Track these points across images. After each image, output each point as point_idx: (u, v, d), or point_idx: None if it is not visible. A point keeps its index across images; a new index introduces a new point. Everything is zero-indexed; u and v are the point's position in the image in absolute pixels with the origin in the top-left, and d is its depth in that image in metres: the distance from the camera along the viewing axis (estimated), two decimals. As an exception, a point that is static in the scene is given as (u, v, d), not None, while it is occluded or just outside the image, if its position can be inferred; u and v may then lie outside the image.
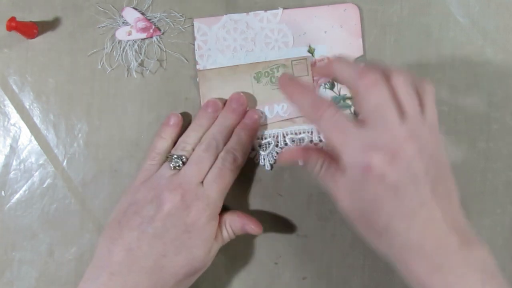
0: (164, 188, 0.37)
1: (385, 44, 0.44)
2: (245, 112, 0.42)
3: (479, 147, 0.43)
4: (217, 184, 0.38)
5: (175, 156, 0.39)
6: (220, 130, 0.40)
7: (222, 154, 0.39)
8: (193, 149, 0.40)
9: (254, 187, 0.43)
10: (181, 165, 0.39)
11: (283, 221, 0.43)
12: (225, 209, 0.41)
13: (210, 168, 0.39)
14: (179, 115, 0.42)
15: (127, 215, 0.37)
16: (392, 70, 0.33)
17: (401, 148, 0.31)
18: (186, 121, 0.43)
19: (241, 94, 0.42)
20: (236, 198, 0.43)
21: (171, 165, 0.39)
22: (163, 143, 0.40)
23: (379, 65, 0.34)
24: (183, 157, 0.39)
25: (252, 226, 0.40)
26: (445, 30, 0.44)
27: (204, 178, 0.38)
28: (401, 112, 0.32)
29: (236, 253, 0.43)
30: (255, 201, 0.43)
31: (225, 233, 0.40)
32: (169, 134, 0.41)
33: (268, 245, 0.43)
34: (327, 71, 0.37)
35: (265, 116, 0.43)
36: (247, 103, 0.42)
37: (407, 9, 0.44)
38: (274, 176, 0.43)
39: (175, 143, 0.41)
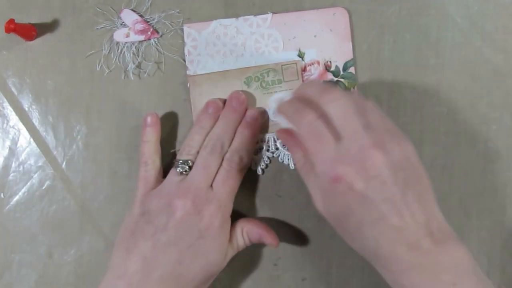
0: (174, 195, 0.37)
1: (384, 45, 0.44)
2: (245, 111, 0.42)
3: (478, 147, 0.43)
4: (226, 186, 0.38)
5: (180, 161, 0.39)
6: (223, 130, 0.40)
7: (227, 155, 0.39)
8: (198, 152, 0.39)
9: (253, 188, 0.43)
10: (188, 170, 0.39)
11: (283, 222, 0.43)
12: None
13: (218, 170, 0.39)
14: (155, 113, 0.41)
15: (140, 225, 0.37)
16: (345, 92, 0.36)
17: (369, 157, 0.32)
18: (186, 123, 0.43)
19: (241, 92, 0.42)
20: (235, 198, 0.43)
21: (178, 170, 0.39)
22: (148, 146, 0.40)
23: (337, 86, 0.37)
24: (189, 161, 0.39)
25: (269, 239, 0.40)
26: (444, 31, 0.44)
27: (212, 181, 0.38)
28: (366, 123, 0.33)
29: (235, 254, 0.43)
30: (255, 202, 0.43)
31: (240, 240, 0.40)
32: (150, 135, 0.40)
33: (267, 246, 0.43)
34: (297, 92, 0.39)
35: (268, 115, 0.42)
36: (247, 101, 0.42)
37: (405, 10, 0.44)
38: (273, 177, 0.43)
39: (160, 142, 0.41)
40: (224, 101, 0.42)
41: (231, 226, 0.39)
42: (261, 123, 0.42)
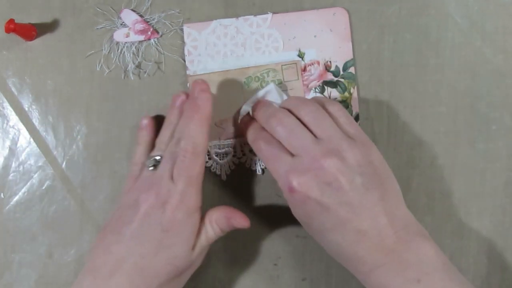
0: (141, 190, 0.37)
1: (384, 45, 0.44)
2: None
3: (478, 147, 0.43)
4: (183, 176, 0.36)
5: (151, 158, 0.39)
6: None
7: (181, 144, 0.37)
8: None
9: (253, 188, 0.43)
10: (157, 165, 0.38)
11: (282, 222, 0.43)
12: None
13: None
14: (149, 116, 0.41)
15: (112, 222, 0.37)
16: (298, 103, 0.37)
17: (321, 166, 0.33)
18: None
19: (201, 80, 0.38)
20: (235, 199, 0.43)
21: (148, 166, 0.38)
22: (139, 149, 0.41)
23: (291, 100, 0.39)
24: (157, 156, 0.38)
25: (237, 220, 0.38)
26: (444, 31, 0.44)
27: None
28: (314, 136, 0.35)
29: (235, 254, 0.43)
30: (254, 202, 0.43)
31: (210, 230, 0.38)
32: (143, 138, 0.41)
33: (267, 246, 0.43)
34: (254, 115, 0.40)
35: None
36: (209, 88, 0.38)
37: (405, 10, 0.44)
38: (273, 177, 0.43)
39: (151, 145, 0.41)
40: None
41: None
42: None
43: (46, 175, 0.43)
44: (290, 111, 0.37)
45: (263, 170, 0.43)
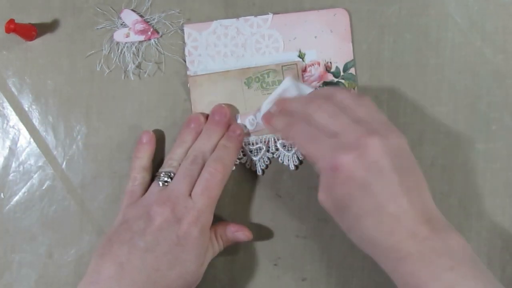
0: (153, 203, 0.37)
1: (384, 45, 0.44)
2: (228, 124, 0.42)
3: (478, 147, 0.43)
4: (205, 196, 0.38)
5: (162, 173, 0.39)
6: (205, 143, 0.40)
7: (207, 164, 0.39)
8: (180, 165, 0.40)
9: (253, 189, 0.43)
10: (169, 181, 0.39)
11: (283, 222, 0.43)
12: (224, 211, 0.41)
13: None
14: (151, 132, 0.42)
15: (118, 231, 0.37)
16: (332, 92, 0.37)
17: (366, 145, 0.33)
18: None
19: (223, 105, 0.42)
20: (235, 199, 0.43)
21: (159, 182, 0.39)
22: (140, 162, 0.41)
23: (323, 90, 0.39)
24: (171, 173, 0.39)
25: (242, 235, 0.40)
26: (444, 31, 0.44)
27: (191, 191, 0.38)
28: (355, 118, 0.35)
29: (235, 254, 0.43)
30: (255, 202, 0.43)
31: (216, 245, 0.40)
32: (144, 152, 0.41)
33: (267, 246, 0.43)
34: (282, 108, 0.40)
35: (247, 129, 0.42)
36: (230, 114, 0.42)
37: (405, 10, 0.44)
38: (273, 177, 0.43)
39: (152, 160, 0.41)
40: (207, 116, 0.42)
41: None
42: (243, 139, 0.42)
43: (46, 175, 0.43)
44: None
45: (263, 171, 0.43)
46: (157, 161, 0.42)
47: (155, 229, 0.36)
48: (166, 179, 0.39)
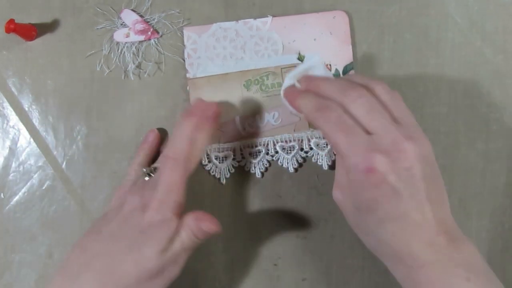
0: (129, 193, 0.38)
1: (384, 45, 0.44)
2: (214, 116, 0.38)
3: (478, 148, 0.43)
4: (163, 182, 0.36)
5: (149, 168, 0.40)
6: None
7: (164, 150, 0.38)
8: None
9: (253, 189, 0.43)
10: (152, 175, 0.39)
11: (283, 223, 0.43)
12: (224, 211, 0.41)
13: None
14: (156, 131, 0.42)
15: (96, 222, 0.38)
16: (369, 81, 0.35)
17: (402, 149, 0.32)
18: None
19: (201, 99, 0.39)
20: (235, 199, 0.43)
21: (146, 177, 0.39)
22: (137, 159, 0.41)
23: (357, 77, 0.36)
24: (157, 168, 0.39)
25: (206, 223, 0.36)
26: (444, 31, 0.44)
27: None
28: (392, 118, 0.33)
29: (235, 254, 0.43)
30: (255, 202, 0.43)
31: (184, 236, 0.36)
32: (143, 150, 0.42)
33: (267, 246, 0.43)
34: (312, 87, 0.37)
35: (273, 125, 0.41)
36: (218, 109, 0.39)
37: (405, 10, 0.44)
38: (273, 177, 0.43)
39: (158, 141, 0.42)
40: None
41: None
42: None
43: (46, 175, 0.43)
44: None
45: (262, 174, 0.43)
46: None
47: (121, 217, 0.36)
48: (149, 172, 0.39)
